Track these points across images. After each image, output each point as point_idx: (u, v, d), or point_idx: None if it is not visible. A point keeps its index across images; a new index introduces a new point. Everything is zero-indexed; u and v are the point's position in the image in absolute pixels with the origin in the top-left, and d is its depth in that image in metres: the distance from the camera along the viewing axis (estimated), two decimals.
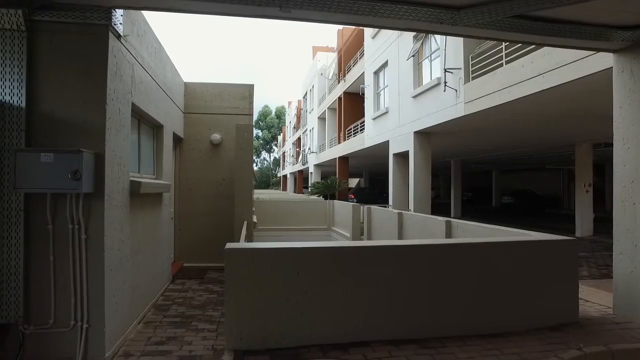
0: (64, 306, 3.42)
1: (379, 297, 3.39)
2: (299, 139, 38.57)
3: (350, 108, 21.01)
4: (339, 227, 11.86)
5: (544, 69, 6.46)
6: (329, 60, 26.89)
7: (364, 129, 17.34)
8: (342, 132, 21.42)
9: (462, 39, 8.99)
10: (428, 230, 6.86)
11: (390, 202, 13.74)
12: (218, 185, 7.67)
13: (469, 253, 3.64)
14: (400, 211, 8.36)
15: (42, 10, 3.37)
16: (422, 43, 11.78)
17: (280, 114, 65.98)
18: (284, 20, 3.55)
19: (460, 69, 9.35)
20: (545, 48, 6.26)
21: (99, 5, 3.44)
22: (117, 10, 3.62)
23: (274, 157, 69.90)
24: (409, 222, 7.83)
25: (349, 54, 21.29)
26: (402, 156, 13.18)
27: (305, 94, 34.38)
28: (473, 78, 8.95)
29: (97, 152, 3.49)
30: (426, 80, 11.69)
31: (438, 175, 35.70)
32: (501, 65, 7.92)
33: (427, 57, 11.70)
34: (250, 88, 8.00)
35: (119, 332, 3.87)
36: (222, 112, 7.77)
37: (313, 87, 30.33)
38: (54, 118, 3.45)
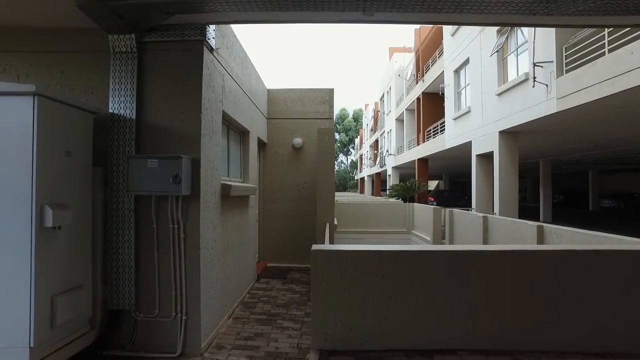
0: (166, 298, 3.76)
1: (467, 304, 3.23)
2: (377, 141, 38.27)
3: (429, 109, 20.40)
4: (419, 230, 11.56)
5: None
6: (406, 61, 26.36)
7: (444, 129, 16.73)
8: (421, 134, 20.87)
9: (554, 29, 8.27)
10: (517, 235, 6.40)
11: (473, 205, 13.09)
12: (300, 188, 7.91)
13: (568, 261, 3.31)
14: (485, 215, 7.92)
15: (149, 32, 3.78)
16: (507, 37, 11.05)
17: (357, 117, 66.12)
18: (367, 23, 3.56)
19: (552, 62, 8.59)
20: None
21: (196, 22, 3.76)
22: (210, 25, 3.92)
23: (351, 159, 70.16)
24: (494, 227, 7.39)
25: (427, 53, 20.69)
26: (486, 157, 12.51)
27: (382, 95, 34.03)
28: (567, 71, 8.19)
29: (193, 158, 3.80)
30: (512, 76, 10.94)
31: (525, 176, 33.12)
32: (603, 54, 7.13)
33: (513, 51, 10.94)
34: (330, 92, 8.13)
35: (212, 325, 4.16)
36: (303, 117, 8.01)
37: (390, 88, 29.93)
38: (157, 127, 3.83)
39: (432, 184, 35.99)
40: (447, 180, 35.81)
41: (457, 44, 14.81)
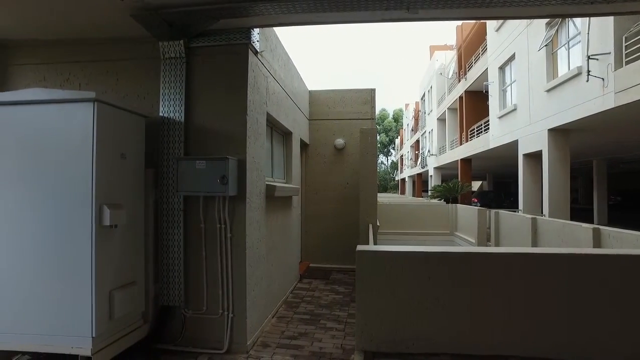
0: (214, 296, 3.86)
1: (518, 309, 3.09)
2: (417, 141, 37.57)
3: (472, 107, 19.78)
4: (463, 232, 11.22)
5: None
6: (448, 59, 25.71)
7: (487, 128, 16.16)
8: (463, 133, 20.27)
9: (611, 18, 7.75)
10: (569, 238, 6.06)
11: (520, 206, 12.55)
12: (342, 189, 7.89)
13: (633, 266, 3.09)
14: (534, 216, 7.55)
15: (196, 38, 3.91)
16: (557, 29, 10.49)
17: (397, 117, 65.14)
18: (411, 22, 3.49)
19: (609, 53, 8.04)
20: None
21: (241, 26, 3.84)
22: (254, 29, 3.99)
23: (392, 160, 69.30)
24: (544, 229, 7.04)
25: (470, 50, 20.07)
26: (534, 157, 11.96)
27: (423, 95, 33.37)
28: (627, 62, 7.63)
29: (239, 159, 3.88)
30: (562, 71, 10.37)
31: (576, 176, 31.25)
32: None
33: (564, 44, 10.36)
34: (371, 92, 8.07)
35: (257, 324, 4.22)
36: (345, 118, 7.99)
37: (431, 87, 29.30)
38: (204, 129, 3.94)
39: (476, 185, 34.83)
40: (491, 181, 34.58)
41: (502, 40, 14.25)
